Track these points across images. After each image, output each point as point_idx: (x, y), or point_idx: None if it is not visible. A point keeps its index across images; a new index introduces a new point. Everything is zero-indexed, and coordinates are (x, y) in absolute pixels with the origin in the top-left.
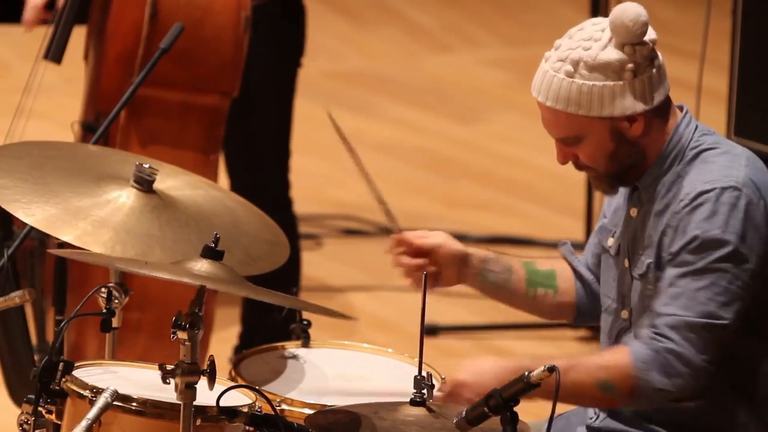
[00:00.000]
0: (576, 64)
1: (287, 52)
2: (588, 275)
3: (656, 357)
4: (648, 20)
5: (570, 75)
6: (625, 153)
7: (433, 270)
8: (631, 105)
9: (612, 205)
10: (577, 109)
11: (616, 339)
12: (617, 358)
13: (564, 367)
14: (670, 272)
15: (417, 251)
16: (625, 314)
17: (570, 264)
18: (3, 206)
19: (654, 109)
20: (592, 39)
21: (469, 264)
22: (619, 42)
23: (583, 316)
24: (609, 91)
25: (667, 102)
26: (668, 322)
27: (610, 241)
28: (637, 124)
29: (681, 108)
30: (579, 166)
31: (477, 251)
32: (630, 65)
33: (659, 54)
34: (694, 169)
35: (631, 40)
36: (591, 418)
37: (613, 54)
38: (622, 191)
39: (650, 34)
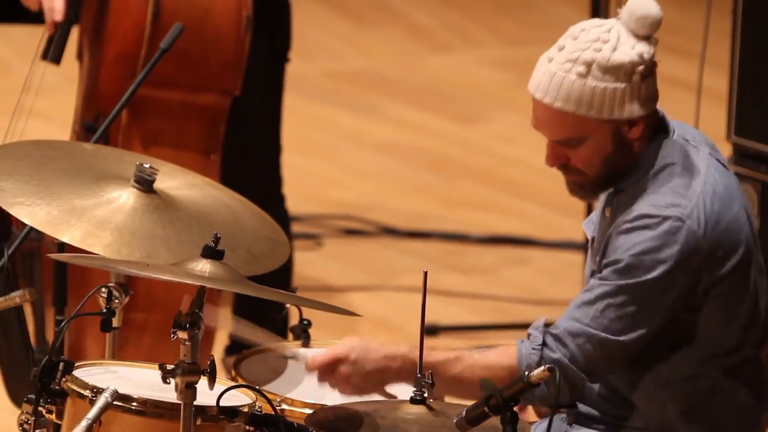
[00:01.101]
0: (589, 65)
1: (273, 47)
2: None
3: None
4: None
5: (582, 76)
6: (620, 156)
7: None
8: (637, 108)
9: (601, 199)
10: (587, 111)
11: None
12: (503, 360)
13: (451, 359)
14: (594, 281)
15: None
16: None
17: None
18: (6, 209)
19: (651, 113)
20: (601, 40)
21: None
22: (631, 29)
23: None
24: (620, 93)
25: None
26: (571, 328)
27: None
28: (636, 128)
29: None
30: (567, 169)
31: None
32: (640, 68)
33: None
34: (651, 186)
35: (645, 32)
36: None
37: (624, 56)
38: None
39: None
